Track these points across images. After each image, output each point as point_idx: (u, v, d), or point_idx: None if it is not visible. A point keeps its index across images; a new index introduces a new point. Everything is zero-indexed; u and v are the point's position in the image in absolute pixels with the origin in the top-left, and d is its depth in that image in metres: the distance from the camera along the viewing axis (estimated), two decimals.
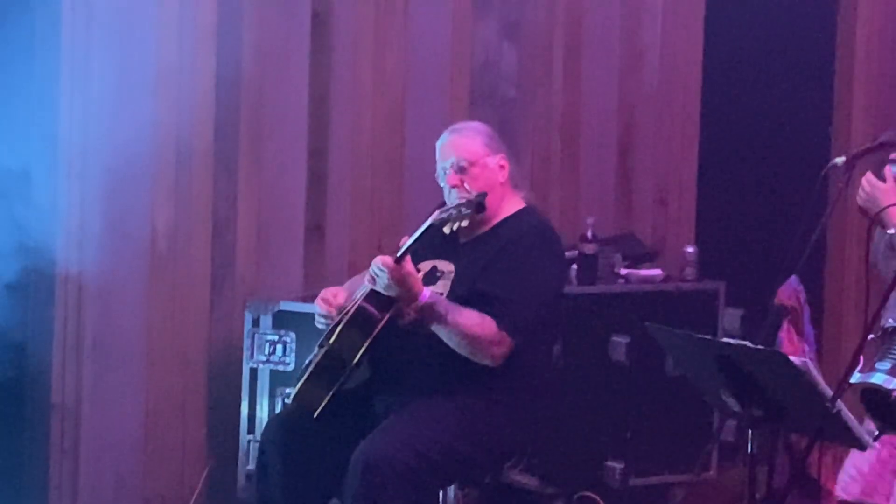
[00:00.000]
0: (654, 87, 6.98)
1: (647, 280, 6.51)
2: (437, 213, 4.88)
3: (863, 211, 4.53)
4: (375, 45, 6.37)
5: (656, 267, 6.63)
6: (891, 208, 4.47)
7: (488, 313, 4.84)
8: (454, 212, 4.82)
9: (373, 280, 4.80)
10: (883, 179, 4.49)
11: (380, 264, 4.76)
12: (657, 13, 6.94)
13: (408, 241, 4.86)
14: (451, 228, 4.83)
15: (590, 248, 6.39)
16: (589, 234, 6.40)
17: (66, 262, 5.84)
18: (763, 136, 7.27)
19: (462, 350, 4.84)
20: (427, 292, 4.80)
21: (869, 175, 4.57)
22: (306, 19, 6.22)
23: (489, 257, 4.98)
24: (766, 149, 7.25)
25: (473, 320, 4.82)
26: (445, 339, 4.83)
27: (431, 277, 5.02)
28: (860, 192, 4.57)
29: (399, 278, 4.76)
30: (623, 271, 6.52)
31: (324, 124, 6.29)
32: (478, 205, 4.82)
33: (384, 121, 6.39)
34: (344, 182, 6.31)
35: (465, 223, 4.82)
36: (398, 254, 4.80)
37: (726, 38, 7.14)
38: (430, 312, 4.80)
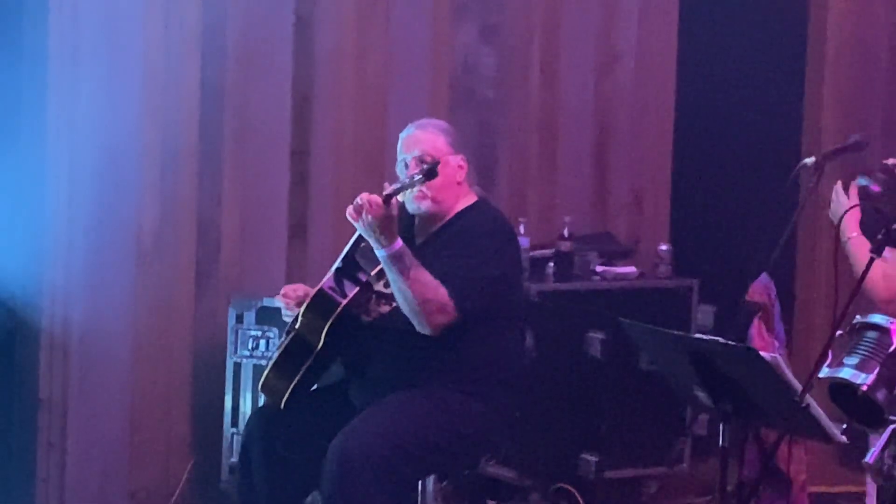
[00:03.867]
0: (630, 90, 6.96)
1: (622, 277, 6.49)
2: (392, 185, 4.87)
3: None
4: (357, 49, 6.34)
5: (631, 265, 6.61)
6: (846, 216, 4.48)
7: None
8: (407, 180, 4.83)
9: (357, 214, 4.75)
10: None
11: (368, 200, 4.72)
12: (632, 17, 6.92)
13: (387, 191, 4.81)
14: (403, 197, 4.85)
15: (566, 247, 6.39)
16: (566, 232, 6.39)
17: (54, 259, 5.80)
18: (735, 136, 7.25)
19: (409, 309, 4.79)
20: (400, 241, 4.77)
21: (837, 186, 4.57)
22: (289, 23, 6.19)
23: (442, 249, 4.96)
24: (739, 149, 7.23)
25: (430, 282, 4.78)
26: (398, 295, 4.79)
27: None
28: (832, 203, 4.60)
29: (384, 217, 4.72)
30: (599, 269, 6.50)
31: (306, 126, 6.26)
32: (429, 171, 4.81)
33: (366, 122, 6.36)
34: (326, 182, 6.29)
35: (416, 189, 4.84)
36: (384, 195, 4.76)
37: (699, 40, 7.13)
38: (398, 261, 4.75)
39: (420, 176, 4.80)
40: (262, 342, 5.85)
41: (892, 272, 4.07)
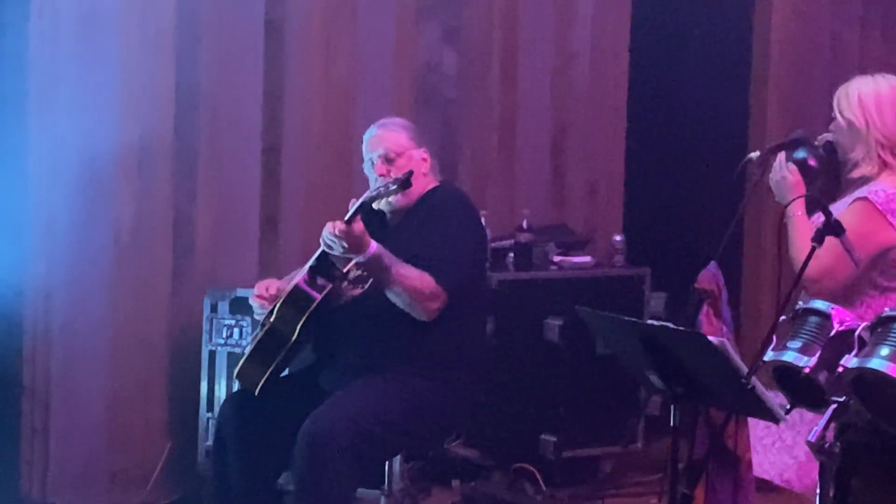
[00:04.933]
0: (585, 88, 6.98)
1: (578, 266, 6.50)
2: (368, 192, 4.89)
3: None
4: (325, 50, 6.34)
5: (587, 254, 6.62)
6: (795, 202, 4.50)
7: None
8: (383, 189, 4.84)
9: (329, 247, 4.77)
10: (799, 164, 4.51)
11: (335, 231, 4.72)
12: (586, 19, 6.94)
13: (351, 210, 4.83)
14: (380, 203, 4.87)
15: (525, 238, 6.40)
16: (524, 224, 6.40)
17: (35, 254, 5.78)
18: (686, 132, 7.29)
19: (402, 303, 4.82)
20: (374, 244, 4.78)
21: (781, 158, 4.57)
22: (260, 26, 6.18)
23: (412, 232, 4.98)
24: (689, 144, 7.26)
25: (414, 274, 4.81)
26: (388, 293, 4.81)
27: None
28: (773, 172, 4.59)
29: (352, 239, 4.73)
30: (556, 258, 6.51)
31: (277, 124, 6.26)
32: (404, 181, 4.82)
33: (334, 120, 6.36)
34: (296, 178, 6.29)
35: (392, 199, 4.85)
36: (346, 217, 4.77)
37: (651, 41, 7.15)
38: (377, 263, 4.77)
39: (395, 186, 4.81)
40: (236, 331, 5.85)
41: (820, 251, 4.08)
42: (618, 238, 6.67)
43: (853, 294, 4.48)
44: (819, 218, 4.50)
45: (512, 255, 6.40)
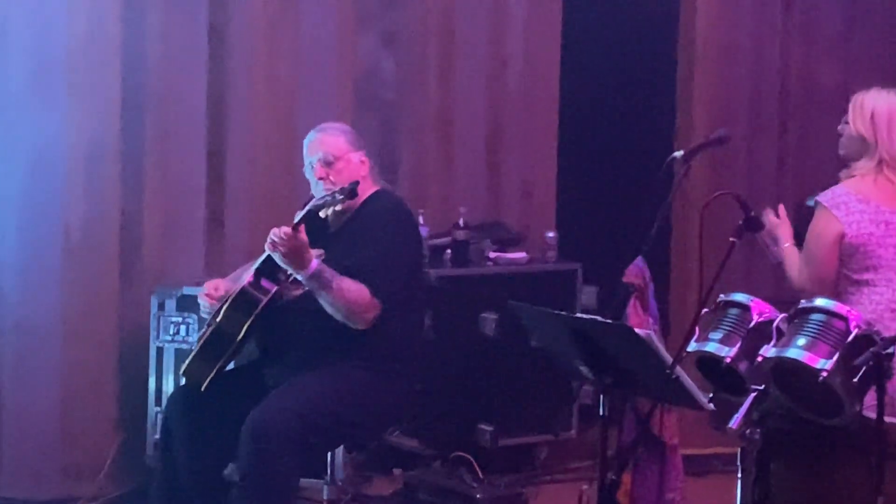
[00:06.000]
0: (518, 91, 6.97)
1: (513, 262, 6.50)
2: (314, 199, 4.87)
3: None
4: (268, 55, 6.31)
5: (521, 250, 6.62)
6: (781, 230, 4.56)
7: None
8: (329, 198, 4.82)
9: (273, 246, 4.75)
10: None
11: (281, 233, 4.71)
12: (519, 25, 6.93)
13: (297, 217, 4.82)
14: (327, 212, 4.83)
15: (462, 235, 6.40)
16: (461, 222, 6.40)
17: None
18: (615, 133, 7.30)
19: (339, 314, 4.80)
20: (315, 261, 4.76)
21: (770, 217, 4.62)
22: (204, 31, 6.13)
23: (352, 238, 4.97)
24: (618, 144, 7.27)
25: (352, 287, 4.79)
26: (326, 305, 4.79)
27: None
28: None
29: (295, 246, 4.71)
30: (492, 255, 6.51)
31: (222, 127, 6.21)
32: (350, 191, 4.82)
33: (277, 123, 6.32)
34: (240, 179, 6.25)
35: (338, 207, 4.82)
36: (294, 224, 4.75)
37: (581, 46, 7.16)
38: (318, 278, 4.75)
39: (341, 196, 4.80)
40: (183, 328, 5.81)
41: (799, 265, 4.20)
42: (550, 235, 6.67)
43: (838, 294, 4.49)
44: None
45: (449, 251, 6.39)
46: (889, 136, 4.55)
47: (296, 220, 4.78)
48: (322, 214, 4.85)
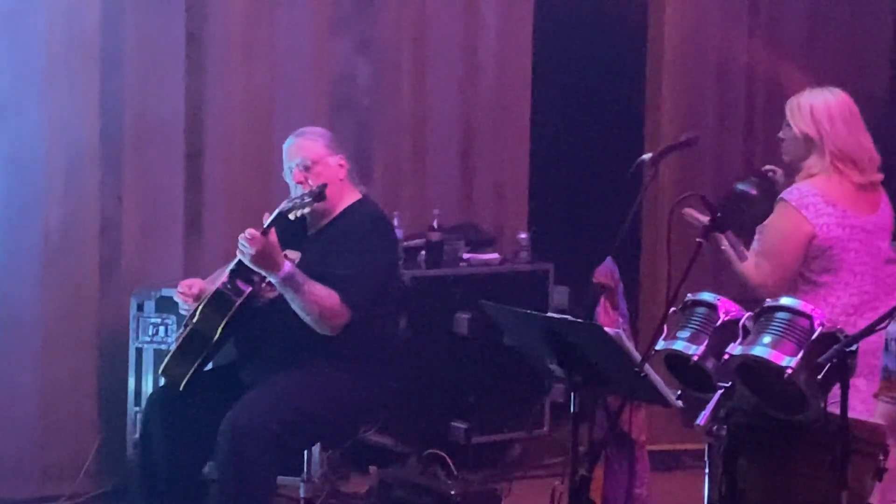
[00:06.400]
0: (491, 95, 6.98)
1: (486, 263, 6.51)
2: (284, 202, 4.87)
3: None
4: (245, 61, 6.30)
5: (494, 251, 6.63)
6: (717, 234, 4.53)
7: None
8: (298, 200, 4.81)
9: (241, 252, 4.74)
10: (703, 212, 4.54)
11: (248, 237, 4.70)
12: (491, 31, 6.94)
13: (266, 221, 4.81)
14: (296, 214, 4.81)
15: (436, 236, 6.40)
16: (435, 224, 6.41)
17: None
18: (585, 136, 7.32)
19: (309, 318, 4.80)
20: (288, 265, 4.75)
21: (687, 212, 4.57)
22: (181, 37, 6.13)
23: (330, 244, 4.96)
24: (589, 147, 7.29)
25: (323, 292, 4.79)
26: (297, 308, 4.79)
27: None
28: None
29: (264, 249, 4.70)
30: (465, 256, 6.52)
31: (199, 131, 6.21)
32: (318, 194, 4.81)
33: (254, 127, 6.32)
34: (218, 182, 6.25)
35: (307, 210, 4.80)
36: (263, 228, 4.75)
37: (552, 51, 7.17)
38: (290, 282, 4.75)
39: (309, 199, 4.79)
40: (162, 329, 5.80)
41: (758, 262, 4.18)
42: (523, 236, 6.68)
43: (794, 292, 4.49)
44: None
45: (424, 253, 6.39)
46: (832, 127, 4.56)
47: (265, 223, 4.77)
48: (291, 217, 4.83)
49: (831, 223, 4.49)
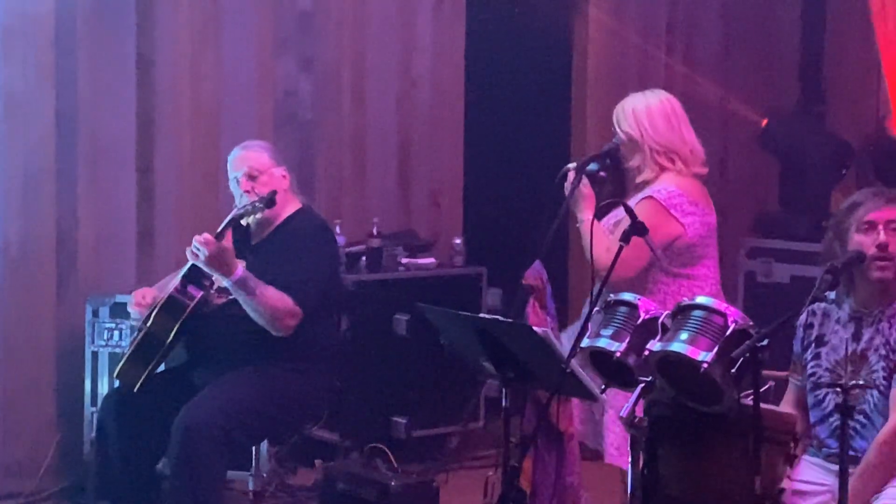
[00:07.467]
0: (427, 108, 7.00)
1: (423, 267, 6.53)
2: (235, 209, 4.86)
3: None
4: (192, 80, 6.29)
5: (431, 256, 6.65)
6: (582, 202, 4.52)
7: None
8: (250, 206, 4.84)
9: (195, 255, 4.72)
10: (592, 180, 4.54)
11: (202, 240, 4.69)
12: (426, 50, 6.97)
13: (221, 226, 4.80)
14: (248, 220, 4.83)
15: (376, 242, 6.41)
16: (375, 230, 6.42)
17: None
18: (516, 146, 7.35)
19: (262, 320, 4.79)
20: (241, 268, 4.74)
21: (571, 175, 4.54)
22: (132, 59, 6.10)
23: (274, 252, 4.96)
24: (519, 157, 7.33)
25: (276, 294, 4.79)
26: (250, 311, 4.78)
27: None
28: (566, 189, 4.56)
29: (218, 251, 4.69)
30: (404, 260, 6.53)
31: (150, 146, 6.18)
32: (269, 200, 4.84)
33: (202, 142, 6.30)
34: (169, 196, 6.22)
35: (259, 215, 4.83)
36: (217, 232, 4.74)
37: (483, 68, 7.20)
38: (243, 285, 4.74)
39: (261, 204, 4.79)
40: (116, 333, 5.78)
41: (613, 246, 4.14)
42: (458, 241, 6.70)
43: (648, 282, 4.56)
44: (608, 221, 4.58)
45: (365, 258, 6.40)
46: (651, 124, 4.61)
47: (220, 228, 4.76)
48: (244, 222, 4.85)
49: (695, 222, 4.57)
